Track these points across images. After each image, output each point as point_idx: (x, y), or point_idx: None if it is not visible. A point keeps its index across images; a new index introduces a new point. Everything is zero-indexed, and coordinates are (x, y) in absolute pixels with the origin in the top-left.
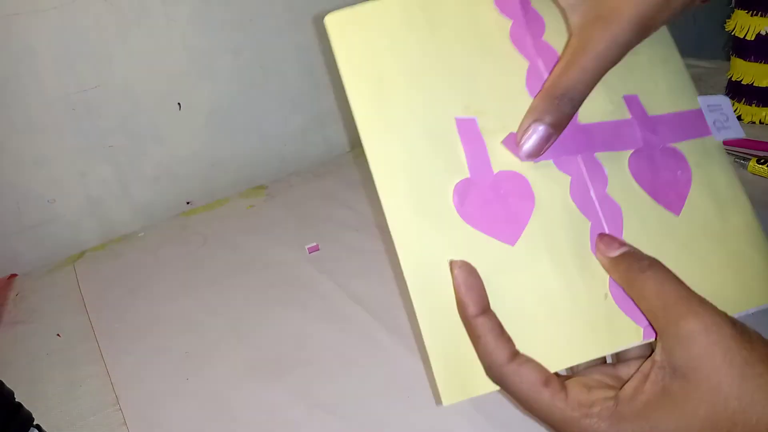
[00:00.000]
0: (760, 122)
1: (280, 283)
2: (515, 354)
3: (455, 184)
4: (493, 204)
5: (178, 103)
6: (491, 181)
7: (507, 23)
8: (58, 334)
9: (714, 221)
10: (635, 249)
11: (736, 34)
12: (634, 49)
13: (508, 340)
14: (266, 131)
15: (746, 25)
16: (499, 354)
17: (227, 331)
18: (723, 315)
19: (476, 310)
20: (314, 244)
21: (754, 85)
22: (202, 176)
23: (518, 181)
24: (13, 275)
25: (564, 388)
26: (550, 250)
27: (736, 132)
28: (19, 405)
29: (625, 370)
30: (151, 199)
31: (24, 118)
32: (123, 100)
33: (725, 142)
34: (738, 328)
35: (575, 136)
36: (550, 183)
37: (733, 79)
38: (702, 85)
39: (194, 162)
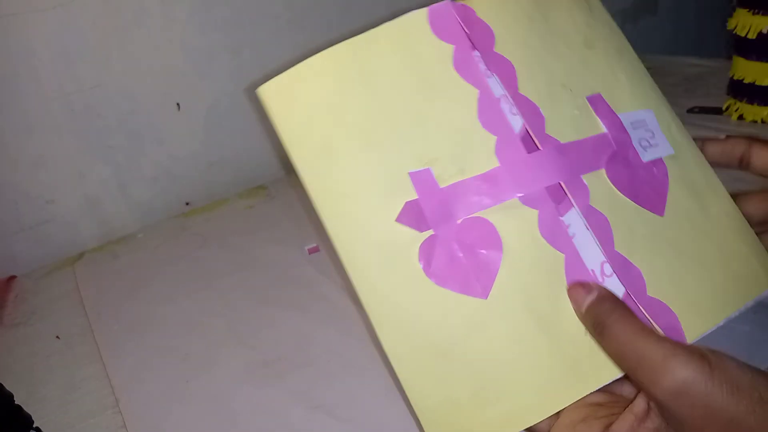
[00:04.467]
0: (762, 121)
1: (280, 284)
2: None
3: (419, 245)
4: (461, 259)
5: (177, 103)
6: (455, 233)
7: (449, 49)
8: (57, 336)
9: (697, 216)
10: (603, 294)
11: (737, 33)
12: (589, 42)
13: None
14: (266, 131)
15: (748, 23)
16: None
17: (227, 333)
18: (697, 362)
19: None
20: (314, 245)
21: (755, 84)
22: (201, 177)
23: (484, 227)
24: (13, 277)
25: None
26: (525, 295)
27: (665, 149)
28: (19, 407)
29: (619, 387)
30: (150, 200)
31: (22, 118)
32: (122, 100)
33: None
34: (716, 376)
35: (553, 164)
36: (516, 222)
37: (734, 78)
38: (703, 84)
39: (193, 162)
